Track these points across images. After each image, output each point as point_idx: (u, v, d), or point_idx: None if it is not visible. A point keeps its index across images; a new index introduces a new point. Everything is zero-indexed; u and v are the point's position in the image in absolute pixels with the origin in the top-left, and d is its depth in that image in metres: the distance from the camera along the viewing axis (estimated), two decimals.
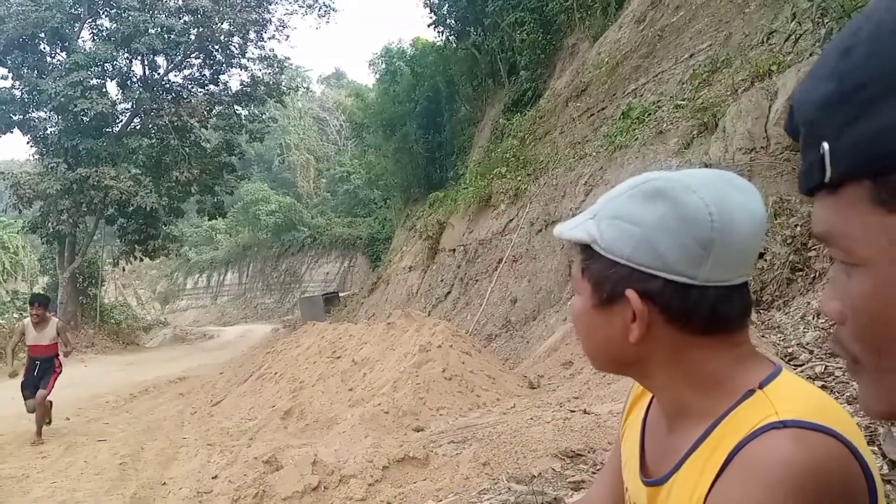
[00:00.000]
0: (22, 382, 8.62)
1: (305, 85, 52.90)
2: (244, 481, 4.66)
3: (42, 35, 23.99)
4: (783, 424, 0.78)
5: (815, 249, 6.21)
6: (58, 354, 8.81)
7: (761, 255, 6.71)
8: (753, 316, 6.11)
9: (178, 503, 5.33)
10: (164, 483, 6.27)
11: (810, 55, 7.37)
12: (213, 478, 5.92)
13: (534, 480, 3.80)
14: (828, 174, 0.55)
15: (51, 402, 8.73)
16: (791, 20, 7.87)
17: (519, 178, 14.12)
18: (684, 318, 0.86)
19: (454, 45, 25.81)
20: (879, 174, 0.52)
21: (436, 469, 4.39)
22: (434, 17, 25.83)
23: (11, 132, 24.93)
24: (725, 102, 8.55)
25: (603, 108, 13.35)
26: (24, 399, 8.56)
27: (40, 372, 8.62)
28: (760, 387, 0.85)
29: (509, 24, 20.10)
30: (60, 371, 8.80)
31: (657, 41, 12.62)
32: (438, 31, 26.36)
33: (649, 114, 10.87)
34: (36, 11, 22.74)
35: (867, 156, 0.52)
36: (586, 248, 0.92)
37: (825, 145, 0.55)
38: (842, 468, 0.77)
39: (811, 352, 4.90)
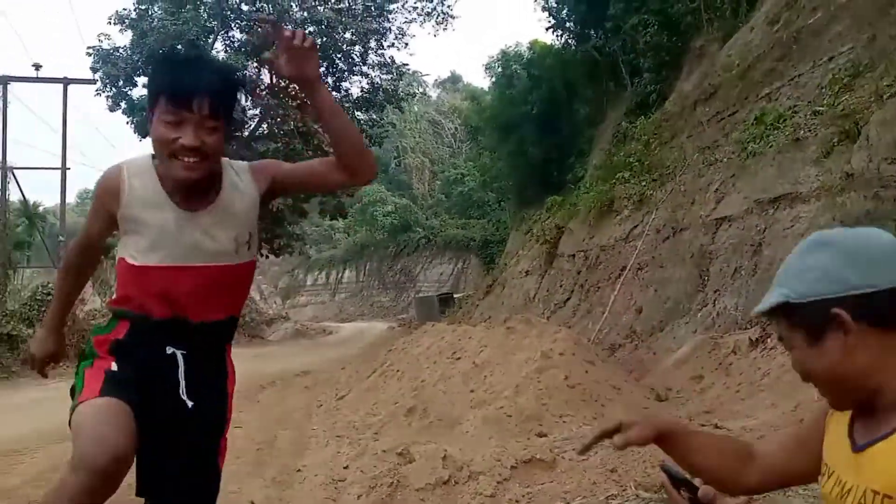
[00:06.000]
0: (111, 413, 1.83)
1: (422, 89, 53.90)
2: (378, 471, 4.89)
3: (179, 47, 25.75)
4: None
5: None
6: (233, 329, 2.26)
7: None
8: None
9: (315, 488, 5.63)
10: (299, 470, 6.62)
11: None
12: (344, 467, 6.19)
13: (662, 489, 3.78)
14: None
15: None
16: None
17: (643, 183, 13.83)
18: (880, 319, 1.06)
19: (573, 48, 25.56)
20: None
21: (562, 472, 4.45)
22: (553, 21, 25.74)
23: None
24: (869, 109, 8.11)
25: (734, 113, 12.91)
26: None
27: (190, 393, 1.99)
28: None
29: (632, 26, 19.72)
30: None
31: (792, 43, 12.08)
32: (557, 35, 26.23)
33: (785, 119, 10.43)
34: (174, 25, 24.52)
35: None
36: (785, 308, 1.13)
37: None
38: None
39: None
